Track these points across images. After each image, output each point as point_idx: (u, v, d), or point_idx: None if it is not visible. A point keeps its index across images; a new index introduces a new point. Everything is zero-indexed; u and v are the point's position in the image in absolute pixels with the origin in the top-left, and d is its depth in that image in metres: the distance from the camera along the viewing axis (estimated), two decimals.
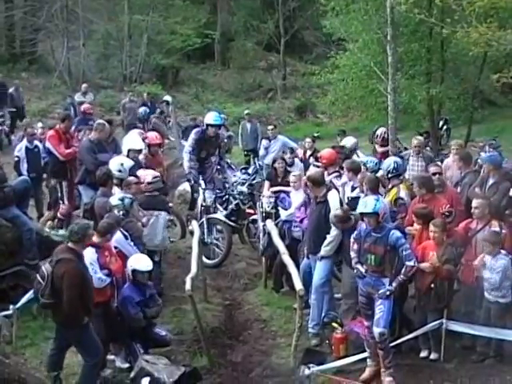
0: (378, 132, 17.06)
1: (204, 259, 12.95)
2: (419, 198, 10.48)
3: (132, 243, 10.33)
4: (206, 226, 13.62)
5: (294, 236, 11.91)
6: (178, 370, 9.20)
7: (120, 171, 11.97)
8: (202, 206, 14.01)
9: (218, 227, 13.87)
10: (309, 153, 15.18)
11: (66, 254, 8.54)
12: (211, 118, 14.23)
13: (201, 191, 14.09)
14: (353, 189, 11.16)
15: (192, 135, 14.27)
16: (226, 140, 17.25)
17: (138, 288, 9.66)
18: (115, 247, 9.88)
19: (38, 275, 8.71)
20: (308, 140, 16.38)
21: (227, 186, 14.67)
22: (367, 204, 9.07)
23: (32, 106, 28.29)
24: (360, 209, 9.13)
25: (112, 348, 9.86)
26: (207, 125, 14.11)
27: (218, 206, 14.29)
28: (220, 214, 14.01)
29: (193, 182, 14.13)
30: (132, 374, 9.17)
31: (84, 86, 25.70)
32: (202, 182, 14.15)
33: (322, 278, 10.40)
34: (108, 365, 9.62)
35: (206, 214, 13.87)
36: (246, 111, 23.05)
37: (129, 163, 12.34)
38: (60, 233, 13.77)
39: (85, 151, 13.30)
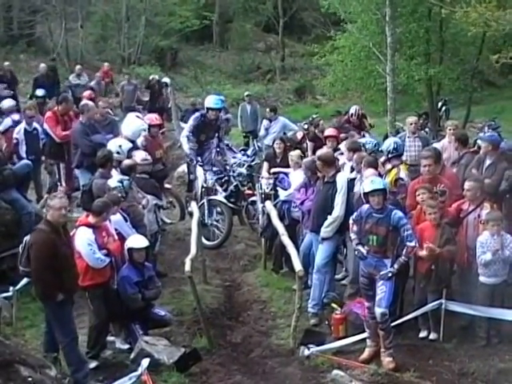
0: (352, 110, 16.91)
1: (204, 241, 12.96)
2: (420, 178, 10.38)
3: (131, 225, 10.32)
4: (206, 207, 13.61)
5: (293, 217, 11.90)
6: (178, 351, 9.23)
7: (118, 153, 11.97)
8: (202, 187, 13.98)
9: (219, 209, 13.85)
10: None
11: (41, 224, 8.51)
12: (211, 101, 14.18)
13: (202, 172, 14.05)
14: (352, 169, 11.13)
15: (191, 121, 14.22)
16: (223, 123, 17.11)
17: (137, 269, 9.66)
18: (115, 229, 9.87)
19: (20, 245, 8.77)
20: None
21: (227, 167, 14.63)
22: (375, 181, 9.04)
23: (30, 88, 28.08)
24: (368, 187, 8.97)
25: (112, 329, 9.88)
26: (207, 108, 14.07)
27: (218, 187, 14.27)
28: (220, 196, 14.01)
29: (194, 162, 14.08)
30: (132, 355, 9.21)
31: (78, 67, 25.14)
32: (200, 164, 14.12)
33: (324, 258, 10.37)
34: (108, 346, 9.65)
35: (207, 195, 13.85)
36: (247, 93, 22.94)
37: (127, 145, 12.32)
38: None
39: (78, 135, 13.26)
